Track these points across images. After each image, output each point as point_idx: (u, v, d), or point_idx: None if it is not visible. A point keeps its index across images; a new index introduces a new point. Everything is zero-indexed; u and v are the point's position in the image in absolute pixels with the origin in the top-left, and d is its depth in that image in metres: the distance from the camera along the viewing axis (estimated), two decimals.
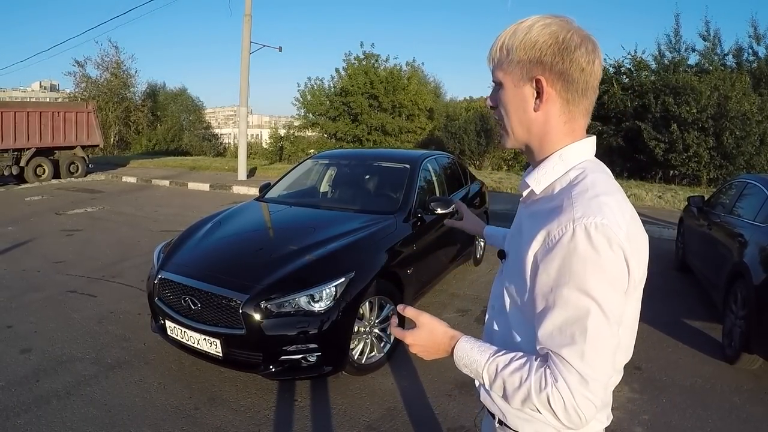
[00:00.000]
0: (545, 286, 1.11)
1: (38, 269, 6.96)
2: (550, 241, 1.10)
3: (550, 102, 1.20)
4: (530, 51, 1.17)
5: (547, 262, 1.10)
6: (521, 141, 1.28)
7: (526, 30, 1.19)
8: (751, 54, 19.48)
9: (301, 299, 3.69)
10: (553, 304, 1.09)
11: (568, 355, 1.06)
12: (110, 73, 34.15)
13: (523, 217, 1.31)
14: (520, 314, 1.25)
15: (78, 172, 18.43)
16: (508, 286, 1.29)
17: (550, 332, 1.10)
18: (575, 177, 1.19)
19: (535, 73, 1.18)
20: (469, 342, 1.24)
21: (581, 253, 1.05)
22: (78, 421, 3.49)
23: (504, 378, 1.15)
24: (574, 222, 1.07)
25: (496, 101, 1.29)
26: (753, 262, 4.47)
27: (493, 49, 1.26)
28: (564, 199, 1.13)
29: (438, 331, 1.28)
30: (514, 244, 1.31)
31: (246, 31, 17.22)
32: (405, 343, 1.30)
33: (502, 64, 1.24)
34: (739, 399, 3.95)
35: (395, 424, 3.55)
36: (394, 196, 5.33)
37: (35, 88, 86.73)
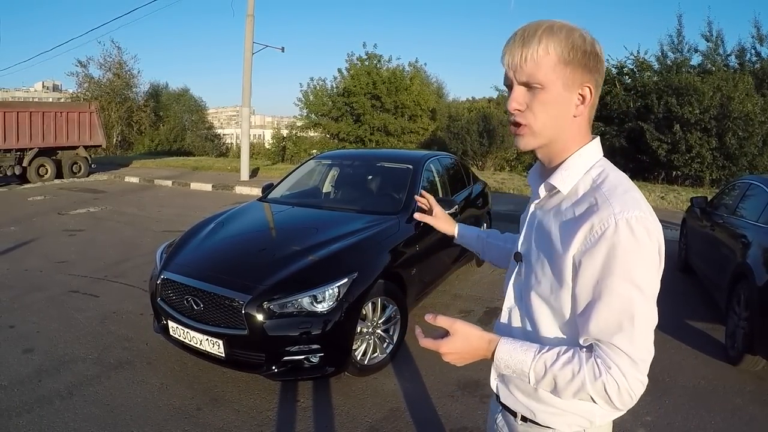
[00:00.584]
0: (590, 280, 1.15)
1: (40, 269, 6.97)
2: (592, 237, 1.14)
3: (586, 107, 1.24)
4: (582, 57, 1.19)
5: (592, 257, 1.14)
6: (547, 142, 1.28)
7: (569, 34, 1.19)
8: (753, 54, 19.48)
9: (304, 300, 3.68)
10: (599, 296, 1.14)
11: (619, 342, 1.13)
12: (113, 73, 34.22)
13: (545, 219, 1.31)
14: (550, 313, 1.29)
15: (80, 172, 18.45)
16: (535, 288, 1.30)
17: (600, 323, 1.15)
18: (598, 175, 1.24)
19: (586, 80, 1.21)
20: (508, 343, 1.24)
21: (625, 244, 1.11)
22: (80, 421, 3.49)
23: (555, 373, 1.17)
24: (616, 216, 1.12)
25: (527, 103, 1.24)
26: (756, 263, 4.46)
27: (534, 48, 1.19)
28: (597, 197, 1.18)
29: (473, 336, 1.25)
30: (540, 246, 1.31)
31: (249, 32, 17.22)
32: (439, 352, 1.26)
33: (551, 66, 1.19)
34: (742, 400, 3.94)
35: (398, 425, 3.54)
36: (397, 197, 5.33)
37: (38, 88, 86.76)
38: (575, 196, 1.25)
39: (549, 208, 1.31)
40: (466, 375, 4.16)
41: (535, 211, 1.37)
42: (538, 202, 1.36)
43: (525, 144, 1.28)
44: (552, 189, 1.29)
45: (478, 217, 7.14)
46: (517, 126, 1.26)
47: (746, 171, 16.15)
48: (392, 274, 4.34)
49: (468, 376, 4.15)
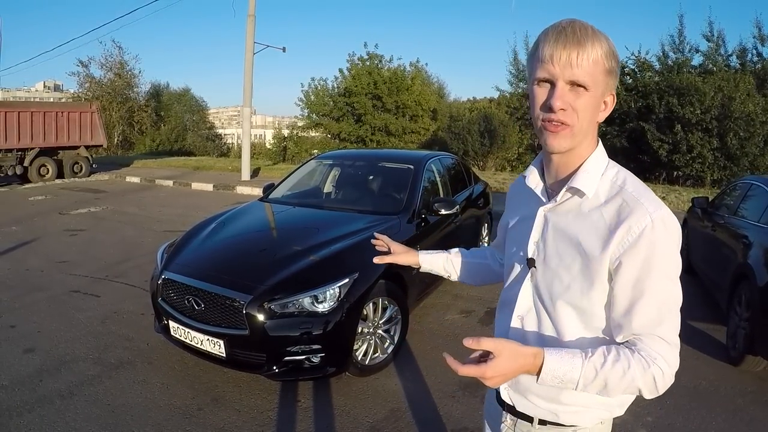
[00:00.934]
0: (631, 279, 1.19)
1: (41, 269, 6.98)
2: (630, 237, 1.18)
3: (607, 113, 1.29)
4: (616, 66, 1.24)
5: (632, 257, 1.18)
6: (577, 144, 1.27)
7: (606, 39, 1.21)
8: (755, 55, 19.49)
9: (305, 300, 3.68)
10: (641, 294, 1.19)
11: (661, 332, 1.19)
12: (114, 73, 34.23)
13: (564, 221, 1.31)
14: (576, 315, 1.30)
15: (81, 172, 18.47)
16: (560, 291, 1.30)
17: (643, 319, 1.19)
18: (615, 175, 1.29)
19: (612, 87, 1.25)
20: (555, 353, 1.18)
21: (662, 242, 1.18)
22: (81, 421, 3.49)
23: (606, 374, 1.16)
24: (651, 215, 1.18)
25: (571, 103, 1.22)
26: (757, 263, 4.46)
27: (588, 51, 1.18)
28: (626, 197, 1.23)
29: (520, 353, 1.16)
30: (564, 249, 1.30)
31: (250, 32, 17.24)
32: (480, 378, 1.15)
33: (600, 71, 1.20)
34: (743, 401, 3.94)
35: (399, 426, 3.54)
36: (398, 197, 5.32)
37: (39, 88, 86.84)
38: (597, 198, 1.27)
39: (565, 211, 1.31)
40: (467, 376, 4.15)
41: (546, 215, 1.36)
42: (551, 207, 1.34)
43: (562, 144, 1.25)
44: (575, 192, 1.29)
45: (479, 217, 7.13)
46: (558, 125, 1.23)
47: (747, 171, 16.15)
48: (393, 275, 4.33)
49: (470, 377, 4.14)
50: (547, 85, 1.22)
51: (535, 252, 1.37)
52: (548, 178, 1.39)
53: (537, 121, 1.26)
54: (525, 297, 1.40)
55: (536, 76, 1.23)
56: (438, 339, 4.90)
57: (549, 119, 1.22)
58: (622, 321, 1.22)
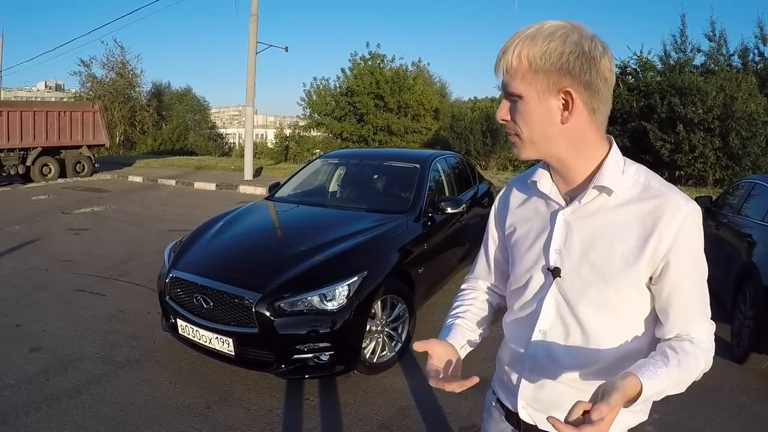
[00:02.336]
0: (681, 274, 1.19)
1: (46, 268, 6.98)
2: (670, 234, 1.16)
3: (577, 113, 1.18)
4: (557, 62, 1.13)
5: (678, 252, 1.17)
6: (544, 152, 1.25)
7: (547, 38, 1.13)
8: (757, 54, 19.41)
9: (314, 298, 3.69)
10: (690, 287, 1.21)
11: (704, 319, 1.24)
12: (116, 72, 34.20)
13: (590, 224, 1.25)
14: (614, 321, 1.26)
15: (84, 172, 18.47)
16: (593, 300, 1.24)
17: (692, 312, 1.22)
18: (635, 171, 1.26)
19: (563, 84, 1.14)
20: (646, 377, 1.06)
21: (697, 234, 1.19)
22: (89, 419, 3.49)
23: (680, 376, 1.14)
24: (685, 208, 1.17)
25: (512, 114, 1.22)
26: (762, 262, 4.48)
27: (507, 58, 1.18)
28: (656, 193, 1.20)
29: (626, 395, 1.02)
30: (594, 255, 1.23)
31: (252, 31, 17.25)
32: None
33: (522, 74, 1.16)
34: (748, 398, 3.95)
35: (407, 423, 3.55)
36: (405, 196, 5.33)
37: (40, 87, 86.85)
38: (623, 196, 1.22)
39: (590, 213, 1.25)
40: (474, 373, 4.12)
41: (567, 219, 1.28)
42: (572, 210, 1.27)
43: (519, 153, 1.27)
44: (602, 191, 1.22)
45: (484, 216, 7.12)
46: (511, 135, 1.26)
47: (749, 171, 16.13)
48: (401, 273, 4.35)
49: (477, 374, 4.12)
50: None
51: (557, 260, 1.29)
52: (559, 184, 1.32)
53: None
54: (549, 310, 1.31)
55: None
56: None
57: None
58: (674, 318, 1.22)
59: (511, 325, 1.44)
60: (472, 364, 1.16)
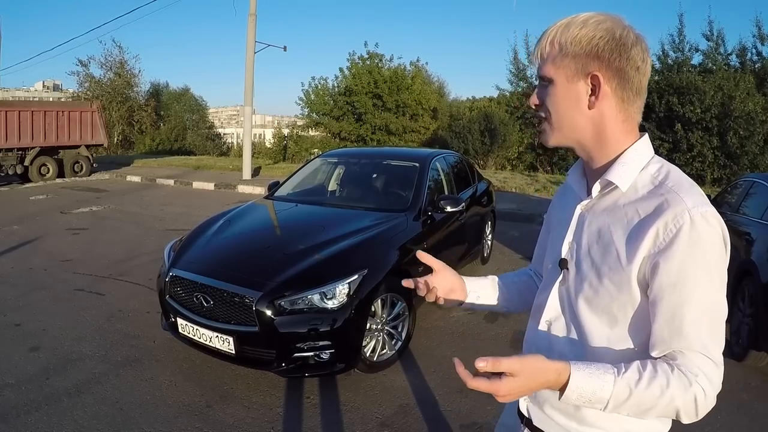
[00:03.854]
0: (669, 283, 1.07)
1: (45, 267, 6.97)
2: (666, 236, 1.07)
3: (605, 99, 1.16)
4: (586, 46, 1.13)
5: (670, 257, 1.06)
6: (570, 139, 1.23)
7: (580, 25, 1.15)
8: (755, 54, 19.46)
9: (315, 296, 3.70)
10: (684, 300, 1.06)
11: (704, 347, 1.05)
12: (114, 72, 34.14)
13: (599, 220, 1.22)
14: (606, 322, 1.19)
15: (82, 172, 18.43)
16: (590, 296, 1.20)
17: (684, 330, 1.06)
18: (657, 170, 1.18)
19: (591, 68, 1.14)
20: (581, 370, 1.05)
21: (704, 240, 1.05)
22: (89, 419, 3.49)
23: (641, 394, 1.03)
24: (690, 211, 1.06)
25: (543, 98, 1.23)
26: (761, 260, 4.50)
27: (542, 44, 1.21)
28: (665, 193, 1.11)
29: (540, 370, 1.04)
30: (595, 251, 1.20)
31: (251, 31, 17.23)
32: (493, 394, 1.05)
33: (553, 59, 1.18)
34: (748, 396, 3.96)
35: (408, 421, 3.56)
36: (404, 195, 5.34)
37: (38, 87, 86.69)
38: (635, 193, 1.16)
39: (602, 208, 1.22)
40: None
41: (584, 213, 1.26)
42: (588, 203, 1.26)
43: (544, 139, 1.25)
44: (608, 186, 1.20)
45: (483, 215, 7.15)
46: (539, 121, 1.25)
47: (747, 170, 16.18)
48: (401, 272, 4.35)
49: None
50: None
51: (568, 253, 1.28)
52: (588, 175, 1.30)
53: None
54: (554, 301, 1.31)
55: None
56: (444, 335, 4.91)
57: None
58: (660, 332, 1.09)
59: (531, 316, 1.44)
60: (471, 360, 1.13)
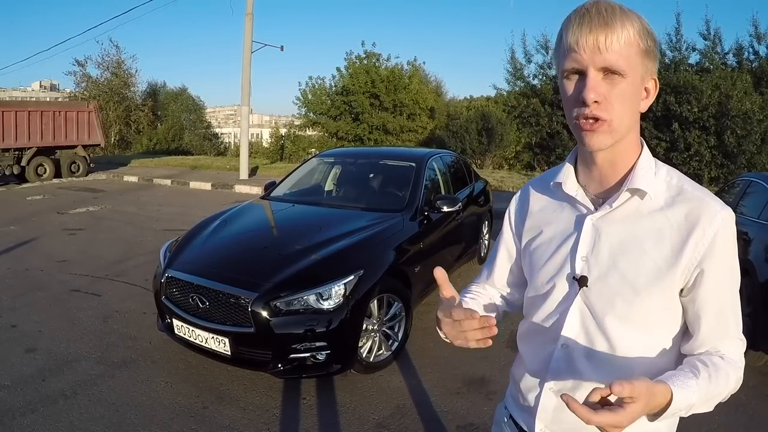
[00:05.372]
0: (716, 284, 1.11)
1: (41, 268, 6.96)
2: (706, 240, 1.09)
3: (648, 102, 1.14)
4: (655, 47, 1.09)
5: (713, 261, 1.10)
6: (618, 139, 1.11)
7: (637, 18, 1.06)
8: (752, 53, 19.47)
9: (311, 297, 3.69)
10: (724, 299, 1.13)
11: (735, 334, 1.15)
12: (111, 72, 34.11)
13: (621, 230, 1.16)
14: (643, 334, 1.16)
15: (79, 172, 18.38)
16: (622, 312, 1.15)
17: (725, 326, 1.14)
18: (667, 174, 1.18)
19: (653, 70, 1.11)
20: (678, 387, 1.01)
21: (732, 242, 1.11)
22: (85, 420, 3.48)
23: (713, 389, 1.08)
24: (720, 214, 1.10)
25: (606, 95, 1.06)
26: (758, 259, 4.50)
27: (627, 31, 1.04)
28: (692, 197, 1.13)
29: (655, 393, 0.97)
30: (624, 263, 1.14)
31: (248, 30, 17.20)
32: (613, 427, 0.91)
33: (635, 52, 1.05)
34: (745, 396, 3.94)
35: (404, 422, 3.55)
36: (401, 195, 5.33)
37: (35, 87, 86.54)
38: (657, 200, 1.14)
39: (621, 217, 1.16)
40: (471, 371, 4.18)
41: (596, 224, 1.19)
42: (602, 215, 1.18)
43: (601, 142, 1.09)
44: (635, 193, 1.14)
45: (480, 215, 7.14)
46: (594, 121, 1.07)
47: (745, 169, 16.20)
48: (397, 272, 4.34)
49: (473, 372, 4.17)
50: (576, 77, 1.08)
51: (584, 269, 1.19)
52: (590, 184, 1.23)
53: (571, 119, 1.11)
54: (574, 321, 1.22)
55: (564, 67, 1.08)
56: (440, 336, 4.88)
57: (584, 115, 1.07)
58: (710, 332, 1.13)
59: (529, 338, 1.35)
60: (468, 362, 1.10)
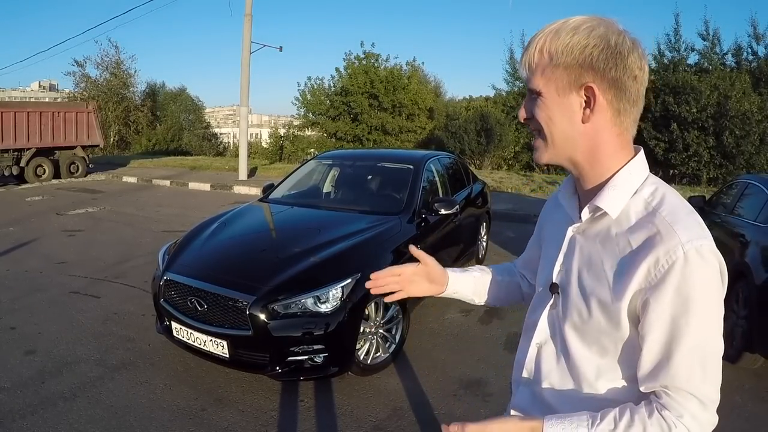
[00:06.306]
0: (659, 321, 1.02)
1: (41, 270, 6.96)
2: (658, 272, 1.00)
3: (600, 112, 1.08)
4: (579, 55, 1.04)
5: (660, 296, 1.00)
6: (564, 156, 1.14)
7: (571, 31, 1.05)
8: (750, 53, 19.54)
9: (308, 300, 3.71)
10: (673, 338, 1.01)
11: (692, 387, 1.01)
12: (110, 72, 34.11)
13: (591, 246, 1.15)
14: (595, 352, 1.15)
15: (78, 172, 18.40)
16: (578, 325, 1.16)
17: (671, 368, 1.02)
18: (651, 194, 1.10)
19: (585, 79, 1.05)
20: (555, 425, 1.05)
21: (698, 278, 0.99)
22: (84, 422, 3.49)
23: None
24: (684, 246, 0.99)
25: (532, 112, 1.14)
26: (754, 262, 4.50)
27: (530, 52, 1.10)
28: (657, 223, 1.04)
29: (511, 428, 1.08)
30: (586, 279, 1.14)
31: (247, 31, 17.22)
32: None
33: (543, 69, 1.09)
34: (741, 398, 3.97)
35: (402, 424, 3.57)
36: (398, 197, 5.35)
37: (34, 87, 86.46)
38: (627, 221, 1.09)
39: (594, 234, 1.15)
40: (468, 374, 4.20)
41: (575, 236, 1.20)
42: (579, 227, 1.19)
43: (538, 156, 1.17)
44: (597, 211, 1.12)
45: (478, 216, 7.15)
46: (536, 137, 1.16)
47: (743, 169, 16.22)
48: None
49: (470, 374, 4.18)
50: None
51: (558, 277, 1.22)
52: (580, 194, 1.23)
53: None
54: (543, 324, 1.26)
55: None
56: (438, 338, 4.92)
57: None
58: (649, 369, 1.05)
59: (522, 334, 1.39)
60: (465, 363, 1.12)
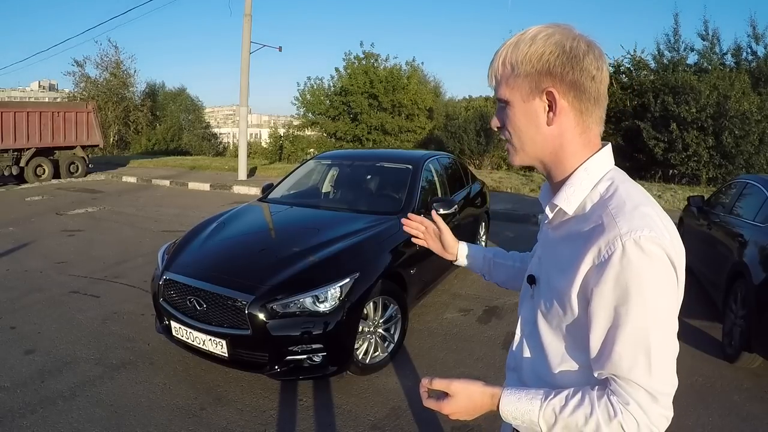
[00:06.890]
0: (601, 310, 1.06)
1: (40, 270, 6.98)
2: (600, 263, 1.05)
3: (563, 114, 1.15)
4: (537, 63, 1.12)
5: (601, 285, 1.04)
6: (534, 158, 1.23)
7: (529, 42, 1.13)
8: (750, 53, 19.51)
9: (307, 300, 3.72)
10: (613, 326, 1.05)
11: (636, 376, 1.05)
12: (110, 72, 34.11)
13: (555, 240, 1.24)
14: (561, 340, 1.21)
15: (78, 172, 18.41)
16: (545, 313, 1.23)
17: (614, 357, 1.06)
18: (606, 189, 1.14)
19: (545, 85, 1.13)
20: (513, 394, 1.16)
21: (635, 268, 1.01)
22: (84, 422, 3.51)
23: (565, 419, 1.09)
24: (622, 238, 1.02)
25: (503, 120, 1.24)
26: (753, 261, 4.50)
27: (494, 65, 1.21)
28: (603, 216, 1.08)
29: (475, 392, 1.20)
30: (550, 270, 1.23)
31: (246, 31, 17.23)
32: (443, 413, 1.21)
33: (507, 79, 1.18)
34: (739, 397, 3.98)
35: (400, 423, 3.58)
36: (397, 197, 5.36)
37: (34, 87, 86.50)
38: (583, 214, 1.16)
39: (558, 227, 1.23)
40: (467, 372, 4.19)
41: (547, 231, 1.29)
42: (549, 222, 1.27)
43: (511, 160, 1.27)
44: (554, 209, 1.21)
45: (476, 216, 7.16)
46: (509, 143, 1.25)
47: (743, 169, 16.20)
48: (393, 274, 4.37)
49: (469, 373, 4.17)
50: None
51: (534, 269, 1.32)
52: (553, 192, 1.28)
53: None
54: (525, 314, 1.36)
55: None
56: (437, 337, 4.93)
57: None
58: (595, 356, 1.11)
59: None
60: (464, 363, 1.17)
